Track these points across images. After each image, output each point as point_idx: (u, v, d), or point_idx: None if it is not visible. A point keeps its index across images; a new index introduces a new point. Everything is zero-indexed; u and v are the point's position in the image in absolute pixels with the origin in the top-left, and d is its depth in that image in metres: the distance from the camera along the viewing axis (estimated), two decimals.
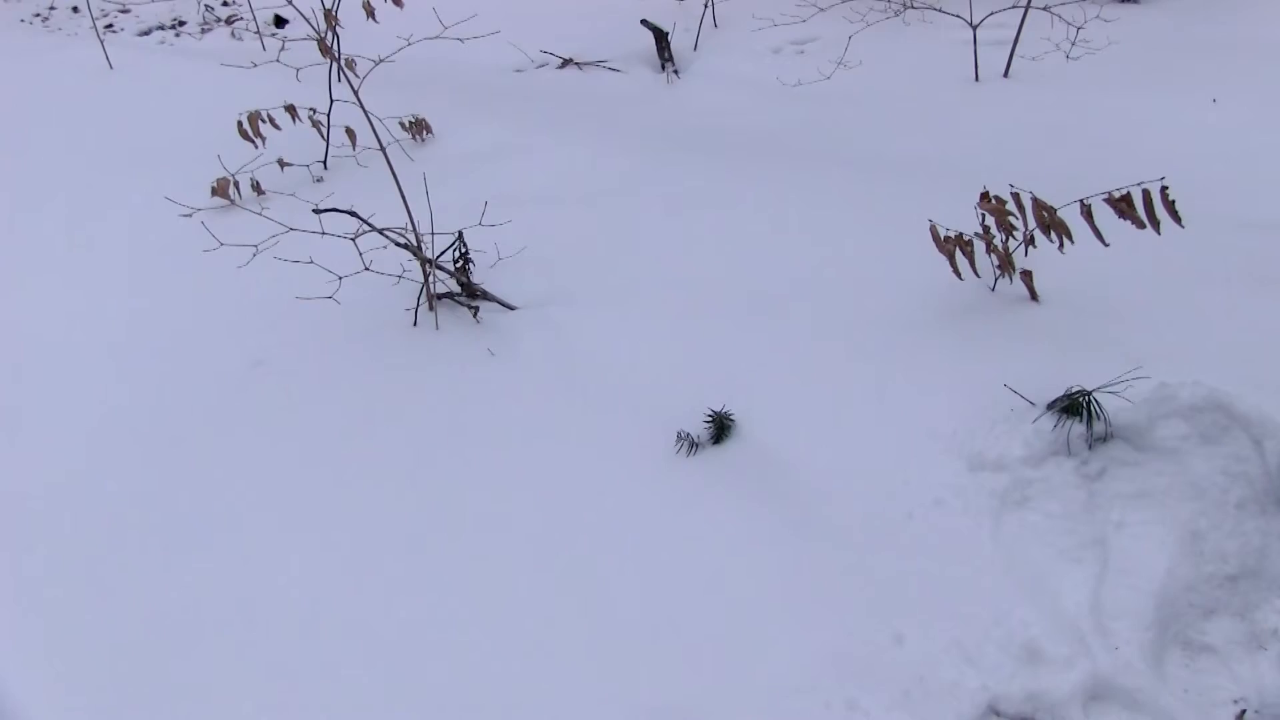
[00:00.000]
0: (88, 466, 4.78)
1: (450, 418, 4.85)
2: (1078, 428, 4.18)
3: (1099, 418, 4.17)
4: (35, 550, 4.39)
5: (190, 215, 5.76)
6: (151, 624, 4.04)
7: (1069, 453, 4.16)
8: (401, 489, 4.50)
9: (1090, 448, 4.17)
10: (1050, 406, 4.27)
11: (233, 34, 10.10)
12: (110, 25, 10.05)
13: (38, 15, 10.35)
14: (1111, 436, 4.19)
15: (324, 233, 5.21)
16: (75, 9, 10.36)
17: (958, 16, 9.03)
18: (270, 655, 3.90)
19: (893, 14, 10.02)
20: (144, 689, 3.82)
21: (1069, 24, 8.91)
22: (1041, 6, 8.84)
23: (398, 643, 3.89)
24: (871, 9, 10.10)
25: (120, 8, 10.50)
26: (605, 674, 3.73)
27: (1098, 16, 9.12)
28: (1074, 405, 4.20)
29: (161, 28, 10.24)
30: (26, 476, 4.77)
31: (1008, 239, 4.94)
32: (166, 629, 4.01)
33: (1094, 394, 4.20)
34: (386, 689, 3.75)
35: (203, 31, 10.22)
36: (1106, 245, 4.62)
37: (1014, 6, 8.78)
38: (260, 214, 5.70)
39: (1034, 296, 5.06)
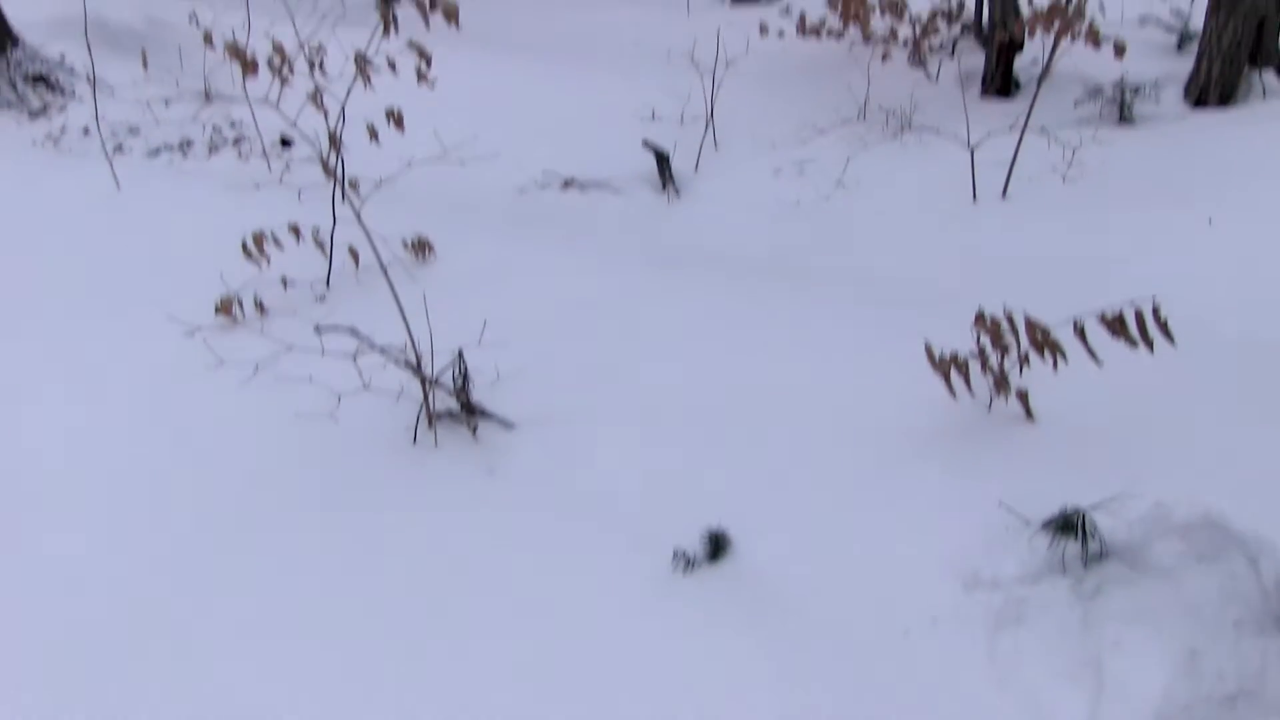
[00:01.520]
0: (83, 593, 4.76)
1: (446, 538, 4.84)
2: (1073, 546, 4.18)
3: (1093, 536, 4.17)
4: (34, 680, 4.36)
5: (193, 334, 5.81)
6: None
7: (1064, 571, 4.15)
8: (396, 613, 4.47)
9: (1086, 566, 4.16)
10: (1045, 525, 4.27)
11: (239, 154, 10.23)
12: (119, 146, 10.17)
13: (49, 137, 10.49)
14: (1107, 555, 4.18)
15: (324, 351, 5.25)
16: (85, 130, 10.50)
17: (956, 137, 9.15)
18: None
19: (891, 136, 10.16)
20: None
21: (1065, 146, 9.03)
22: (1038, 129, 8.97)
23: None
24: (870, 130, 10.25)
25: (130, 129, 10.63)
26: None
27: (1093, 138, 9.24)
28: (1069, 524, 4.20)
29: (169, 148, 10.36)
30: (24, 602, 4.75)
31: (1003, 359, 4.97)
32: None
33: (1089, 512, 4.20)
34: None
35: (210, 152, 10.35)
36: (1100, 365, 4.65)
37: (1011, 129, 8.90)
38: (262, 333, 5.74)
39: (1029, 415, 5.08)
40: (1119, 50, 8.55)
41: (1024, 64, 11.70)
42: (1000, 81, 11.59)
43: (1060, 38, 8.60)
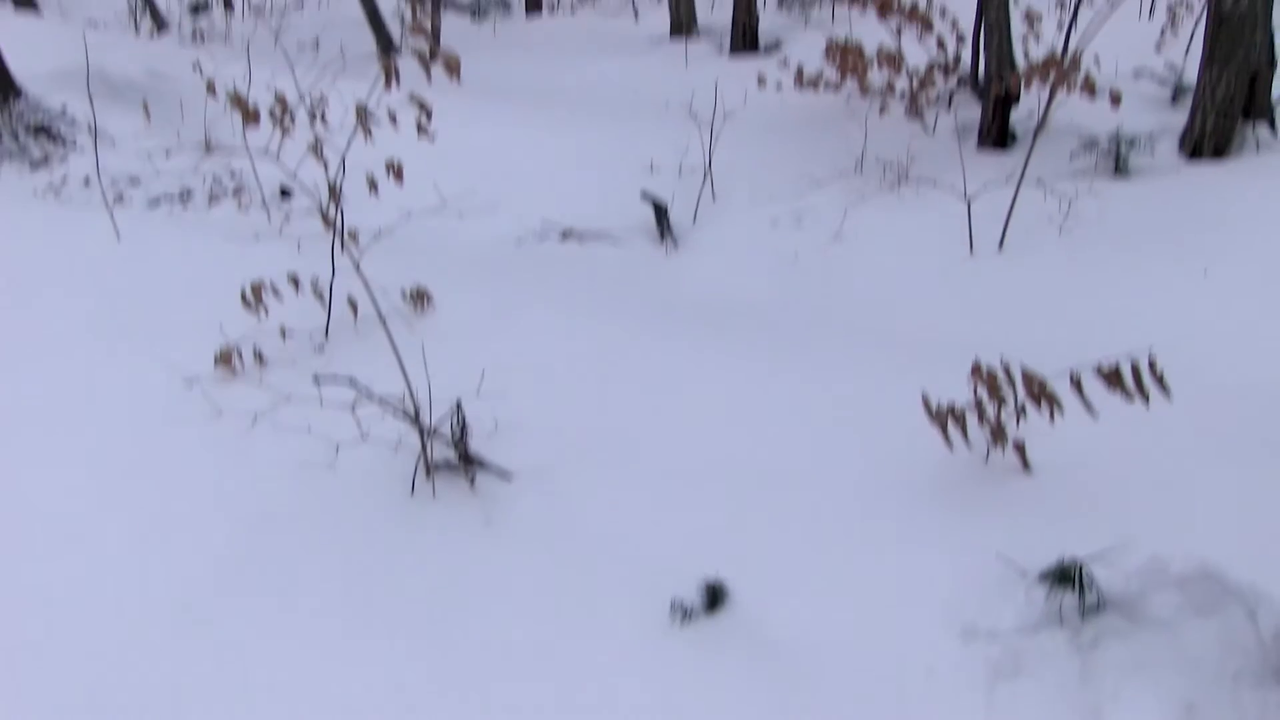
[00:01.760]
0: (80, 636, 4.75)
1: (444, 589, 4.83)
2: (1070, 598, 4.18)
3: (1091, 588, 4.17)
4: None
5: (192, 385, 5.81)
6: None
7: (1062, 623, 4.15)
8: (392, 662, 4.46)
9: (1083, 618, 4.15)
10: (1043, 576, 4.27)
11: (239, 205, 10.26)
12: (120, 197, 10.20)
13: (50, 187, 10.52)
14: (1104, 606, 4.17)
15: (323, 402, 5.26)
16: (86, 181, 10.53)
17: (952, 189, 9.18)
18: None
19: (888, 188, 10.19)
20: None
21: (1061, 197, 9.06)
22: (1034, 180, 9.01)
23: None
24: (867, 182, 10.29)
25: (130, 179, 10.67)
26: None
27: (1089, 190, 9.28)
28: (1066, 575, 4.20)
29: (169, 199, 10.39)
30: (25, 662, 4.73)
31: (1000, 410, 4.98)
32: None
33: (1086, 564, 4.20)
34: None
35: (210, 203, 10.38)
36: (1095, 418, 4.67)
37: (1007, 180, 8.94)
38: (261, 383, 5.75)
39: (1026, 467, 5.09)
40: (1115, 99, 8.61)
41: (1020, 116, 11.74)
42: (997, 133, 11.63)
43: (1056, 89, 8.66)
